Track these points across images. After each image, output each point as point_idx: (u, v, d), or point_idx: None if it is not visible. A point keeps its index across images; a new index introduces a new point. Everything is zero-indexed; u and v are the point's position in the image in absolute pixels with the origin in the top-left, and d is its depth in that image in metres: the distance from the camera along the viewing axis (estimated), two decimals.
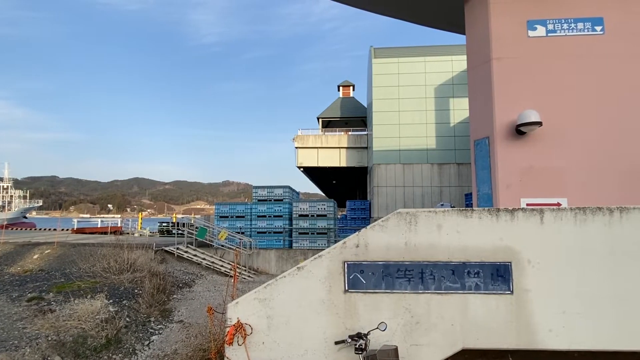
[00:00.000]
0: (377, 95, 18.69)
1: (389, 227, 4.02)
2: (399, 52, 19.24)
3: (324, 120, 28.38)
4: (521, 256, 3.85)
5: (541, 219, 3.88)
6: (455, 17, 8.32)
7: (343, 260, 3.97)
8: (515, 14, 6.01)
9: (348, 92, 30.43)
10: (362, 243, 3.99)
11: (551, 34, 5.87)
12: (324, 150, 22.94)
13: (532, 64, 5.86)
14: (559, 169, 5.59)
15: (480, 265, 3.87)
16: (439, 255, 3.93)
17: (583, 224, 3.84)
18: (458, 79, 18.21)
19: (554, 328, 3.76)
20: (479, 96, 6.23)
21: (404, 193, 17.99)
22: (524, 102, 5.73)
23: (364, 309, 3.90)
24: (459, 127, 18.04)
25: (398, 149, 18.27)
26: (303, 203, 16.57)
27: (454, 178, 17.79)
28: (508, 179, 5.63)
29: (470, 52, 6.56)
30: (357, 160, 22.59)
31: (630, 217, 3.82)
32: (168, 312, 8.11)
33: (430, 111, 18.37)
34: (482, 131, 6.09)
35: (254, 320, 3.91)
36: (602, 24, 5.83)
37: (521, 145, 5.69)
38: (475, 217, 3.97)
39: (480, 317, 3.81)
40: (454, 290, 3.86)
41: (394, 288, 3.90)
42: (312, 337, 3.87)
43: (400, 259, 3.95)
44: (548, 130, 5.63)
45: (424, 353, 3.78)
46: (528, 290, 3.79)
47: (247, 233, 15.96)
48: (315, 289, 3.93)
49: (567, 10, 5.90)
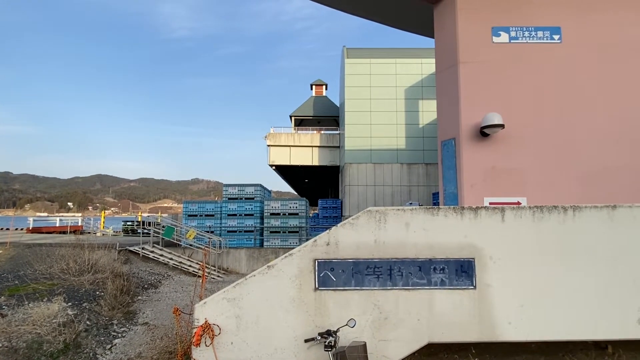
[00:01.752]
0: (350, 95, 18.87)
1: (359, 225, 4.07)
2: (371, 53, 19.51)
3: (296, 119, 28.31)
4: (484, 253, 4.02)
5: (502, 217, 4.07)
6: (425, 21, 8.56)
7: (314, 258, 3.99)
8: (481, 21, 6.26)
9: (321, 91, 30.53)
10: (333, 241, 4.02)
11: (514, 40, 6.17)
12: (297, 149, 22.89)
13: (496, 68, 6.13)
14: (519, 170, 5.88)
15: (445, 262, 4.01)
16: (407, 252, 4.03)
17: (540, 221, 4.07)
18: (427, 82, 18.72)
19: (512, 321, 3.96)
20: (446, 98, 6.43)
21: (374, 192, 18.29)
22: (488, 105, 5.98)
23: (334, 307, 3.93)
24: (427, 128, 18.56)
25: (369, 149, 18.54)
26: (275, 202, 16.45)
27: (422, 178, 18.29)
28: (472, 178, 5.86)
29: (439, 56, 6.76)
30: (329, 159, 22.72)
31: (582, 215, 4.09)
32: (132, 314, 7.80)
33: (400, 112, 18.77)
34: (448, 132, 6.30)
35: (222, 320, 3.84)
36: (559, 33, 6.19)
37: (485, 147, 5.93)
38: (441, 216, 4.10)
39: (445, 312, 3.95)
40: (420, 286, 3.97)
41: (364, 285, 3.96)
42: (281, 336, 3.85)
43: (369, 257, 4.01)
44: (510, 132, 5.91)
45: (391, 348, 3.87)
46: (490, 285, 3.97)
47: (217, 232, 15.64)
48: (286, 287, 3.91)
49: (528, 19, 6.22)
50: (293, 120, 28.13)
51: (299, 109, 28.62)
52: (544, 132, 6.00)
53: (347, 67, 19.08)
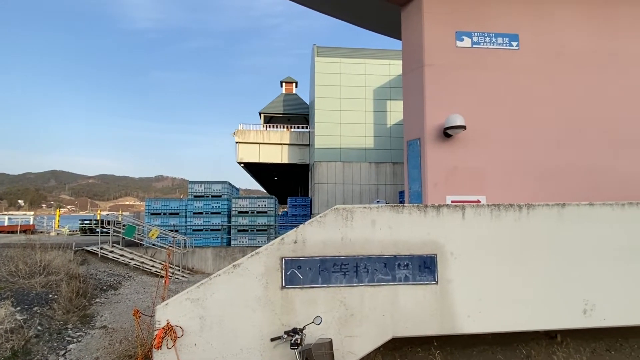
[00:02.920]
0: (320, 93, 18.91)
1: (326, 223, 4.10)
2: (341, 53, 19.65)
3: (266, 116, 27.99)
4: (445, 249, 4.17)
5: (463, 215, 4.25)
6: (392, 23, 8.73)
7: (281, 256, 3.97)
8: (445, 25, 6.47)
9: (291, 89, 30.37)
10: (300, 239, 4.02)
11: (476, 45, 6.43)
12: (266, 146, 22.64)
13: (459, 72, 6.37)
14: (479, 169, 6.16)
15: (409, 258, 4.12)
16: (373, 249, 4.11)
17: (497, 219, 4.28)
18: (395, 83, 19.13)
19: (471, 314, 4.14)
20: (412, 99, 6.60)
21: (343, 190, 18.47)
22: (451, 107, 6.19)
23: (300, 305, 3.93)
24: (394, 129, 18.98)
25: (339, 148, 18.69)
26: (243, 199, 16.22)
27: (389, 176, 18.69)
28: (436, 177, 6.06)
29: (405, 58, 6.92)
30: (299, 157, 22.67)
31: (535, 213, 4.34)
32: (89, 318, 7.41)
33: (369, 112, 19.05)
34: (414, 133, 6.47)
35: (185, 321, 3.74)
36: (517, 40, 6.53)
37: (448, 147, 6.15)
38: (405, 213, 4.21)
39: (409, 306, 4.06)
40: (385, 282, 4.06)
41: (330, 282, 3.99)
42: (247, 336, 3.81)
43: (336, 254, 4.05)
44: (471, 134, 6.16)
45: (357, 344, 3.93)
46: (450, 280, 4.12)
47: (182, 231, 15.19)
48: (252, 286, 3.87)
49: (489, 25, 6.50)
50: (262, 117, 27.79)
51: (268, 106, 28.32)
52: (503, 134, 6.31)
53: (317, 65, 19.11)
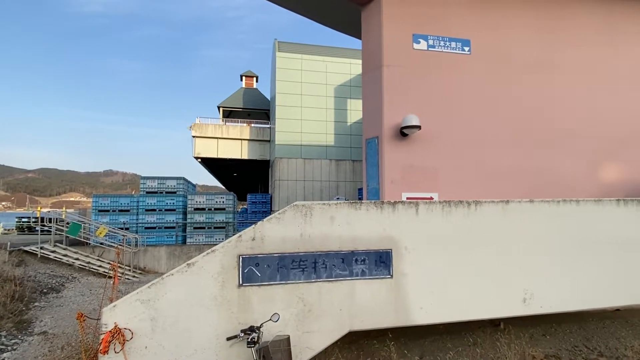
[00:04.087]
0: (281, 89, 18.74)
1: (285, 220, 4.08)
2: (302, 49, 19.60)
3: (225, 110, 27.26)
4: (400, 244, 4.32)
5: (417, 211, 4.42)
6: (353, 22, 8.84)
7: (238, 254, 3.89)
8: (403, 27, 6.66)
9: (251, 83, 29.82)
10: (259, 236, 3.97)
11: (431, 48, 6.70)
12: (225, 141, 22.07)
13: (415, 73, 6.59)
14: (433, 168, 6.43)
15: (366, 253, 4.22)
16: (331, 245, 4.15)
17: (448, 214, 4.50)
18: (355, 82, 19.44)
19: (424, 306, 4.33)
20: (371, 99, 6.75)
21: (304, 187, 18.49)
22: (407, 107, 6.41)
23: (258, 302, 3.89)
24: (354, 127, 19.30)
25: (300, 144, 18.67)
26: (199, 196, 15.70)
27: (349, 174, 19.00)
28: (392, 175, 6.25)
29: (365, 57, 7.05)
30: (259, 153, 22.34)
31: (482, 209, 4.62)
32: (26, 324, 6.82)
33: (330, 110, 19.20)
34: (372, 131, 6.62)
35: (135, 323, 3.55)
36: (469, 45, 6.89)
37: (404, 146, 6.37)
38: (363, 210, 4.30)
39: (365, 300, 4.16)
40: (343, 277, 4.12)
41: (289, 279, 3.98)
42: (202, 336, 3.70)
43: (295, 250, 4.05)
44: (426, 133, 6.42)
45: (314, 339, 3.96)
46: (405, 274, 4.28)
47: (133, 229, 14.43)
48: (207, 285, 3.76)
49: (443, 29, 6.80)
50: (221, 111, 27.04)
51: (227, 100, 27.60)
52: (455, 135, 6.63)
53: (278, 60, 18.91)
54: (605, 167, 7.21)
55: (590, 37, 7.47)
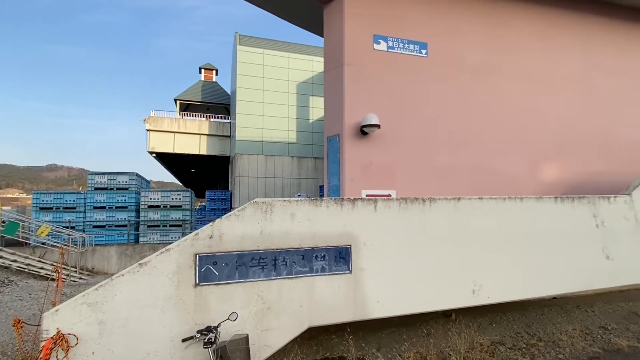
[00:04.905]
0: (242, 83, 18.36)
1: (245, 217, 4.01)
2: (264, 44, 19.31)
3: (182, 103, 26.24)
4: (359, 240, 4.41)
5: (375, 208, 4.53)
6: (315, 19, 8.85)
7: (195, 252, 3.77)
8: (364, 27, 6.78)
9: (211, 76, 28.92)
10: (217, 234, 3.87)
11: (390, 49, 6.87)
12: (182, 136, 21.23)
13: (375, 73, 6.74)
14: (391, 166, 6.62)
15: (326, 250, 4.26)
16: (292, 242, 4.15)
17: (405, 211, 4.66)
18: (317, 79, 19.50)
19: (381, 299, 4.45)
20: (332, 97, 6.80)
21: (265, 184, 18.29)
22: (368, 106, 6.54)
23: (216, 302, 3.79)
24: (316, 124, 19.38)
25: (261, 140, 18.42)
26: (154, 192, 15.00)
27: (311, 171, 19.06)
28: (353, 172, 6.36)
29: (327, 55, 7.08)
30: (218, 149, 21.75)
31: (436, 206, 4.83)
32: None
33: (292, 106, 19.12)
34: (333, 129, 6.68)
35: (81, 328, 3.33)
36: (426, 48, 7.15)
37: (364, 144, 6.49)
38: (323, 206, 4.33)
39: (325, 296, 4.20)
40: (303, 274, 4.13)
41: (248, 277, 3.93)
42: (156, 338, 3.55)
43: (255, 248, 3.99)
44: (385, 132, 6.59)
45: (273, 336, 3.94)
46: (363, 269, 4.38)
47: (80, 227, 13.49)
48: (161, 285, 3.61)
49: (402, 31, 7.00)
50: (178, 104, 25.98)
51: (185, 93, 26.57)
52: (411, 134, 6.87)
53: (239, 54, 18.49)
54: (545, 166, 7.83)
55: (533, 46, 8.05)
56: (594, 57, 8.57)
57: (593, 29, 8.61)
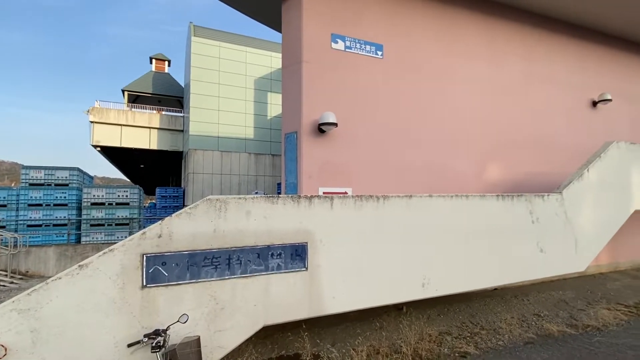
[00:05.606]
0: (196, 76, 17.67)
1: (197, 215, 3.87)
2: (221, 36, 18.72)
3: (131, 94, 24.76)
4: (315, 237, 4.43)
5: (331, 205, 4.58)
6: (273, 14, 8.74)
7: (142, 252, 3.57)
8: (323, 25, 6.80)
9: (163, 67, 27.56)
10: (166, 232, 3.69)
11: (348, 49, 6.96)
12: (130, 129, 20.04)
13: (333, 72, 6.79)
14: (347, 164, 6.73)
15: (282, 247, 4.23)
16: (247, 241, 4.07)
17: (360, 208, 4.76)
18: (275, 75, 19.29)
19: (336, 295, 4.52)
20: (291, 94, 6.76)
21: (221, 181, 17.79)
22: (325, 104, 6.58)
23: (165, 304, 3.62)
24: (274, 121, 19.19)
25: (217, 136, 17.87)
26: (98, 189, 14.01)
27: (268, 168, 18.84)
28: (310, 170, 6.37)
29: (285, 51, 7.02)
30: (170, 144, 20.80)
31: (390, 203, 4.98)
32: None
33: (249, 102, 18.75)
34: (291, 126, 6.65)
35: (10, 337, 3.03)
36: (382, 50, 7.33)
37: (322, 142, 6.53)
38: (280, 204, 4.30)
39: (281, 294, 4.18)
40: (258, 273, 4.08)
41: (200, 277, 3.79)
42: (98, 345, 3.32)
43: (208, 247, 3.87)
44: (342, 131, 6.67)
45: (227, 337, 3.85)
46: (319, 266, 4.41)
47: (12, 227, 12.27)
48: (104, 288, 3.38)
49: (360, 32, 7.12)
50: (126, 95, 24.47)
51: (134, 83, 25.07)
52: (367, 133, 7.02)
53: (193, 45, 17.77)
54: (489, 166, 8.38)
55: (480, 53, 8.57)
56: (532, 67, 9.31)
57: (533, 42, 9.34)
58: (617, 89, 10.61)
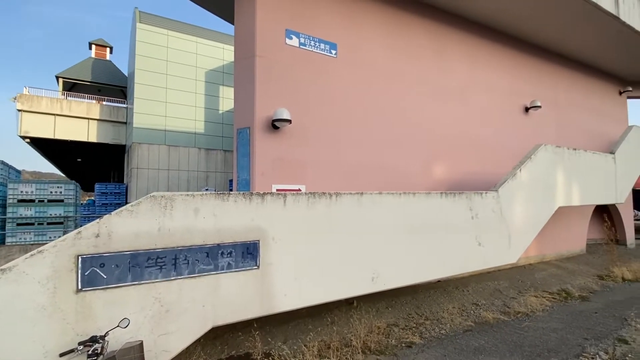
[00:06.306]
0: (141, 65, 16.62)
1: (140, 213, 3.64)
2: (169, 25, 17.76)
3: (66, 82, 22.71)
4: (268, 234, 4.38)
5: (284, 202, 4.55)
6: (225, 5, 8.46)
7: (76, 254, 3.29)
8: (277, 20, 6.71)
9: (104, 54, 25.59)
10: (105, 232, 3.44)
11: (302, 46, 6.95)
12: (65, 120, 18.38)
13: (287, 68, 6.74)
14: (301, 161, 6.73)
15: (233, 246, 4.14)
16: (195, 239, 3.92)
17: (313, 205, 4.78)
18: (228, 68, 18.74)
19: (288, 293, 4.51)
20: (243, 88, 6.60)
21: (168, 177, 16.94)
22: (279, 100, 6.52)
23: (103, 308, 3.38)
24: (227, 116, 18.64)
25: (164, 129, 16.97)
26: (26, 185, 12.67)
27: (220, 164, 18.29)
28: (263, 166, 6.29)
29: (238, 44, 6.83)
30: (112, 136, 19.39)
31: (342, 200, 5.07)
32: None
33: (200, 95, 18.04)
34: (244, 121, 6.50)
35: None
36: (336, 49, 7.41)
37: (275, 138, 6.46)
38: (231, 201, 4.19)
39: (231, 293, 4.08)
40: (207, 272, 3.95)
41: (143, 279, 3.59)
42: (24, 356, 3.01)
43: (152, 247, 3.66)
44: (296, 128, 6.66)
45: (173, 340, 3.68)
46: (271, 264, 4.37)
47: None
48: (31, 293, 3.07)
49: (314, 30, 7.13)
50: (61, 82, 22.39)
51: (71, 70, 23.02)
52: (320, 131, 7.07)
53: (139, 32, 16.68)
54: (435, 165, 8.85)
55: (429, 57, 9.00)
56: (475, 74, 9.96)
57: (476, 50, 9.99)
58: (546, 96, 11.71)
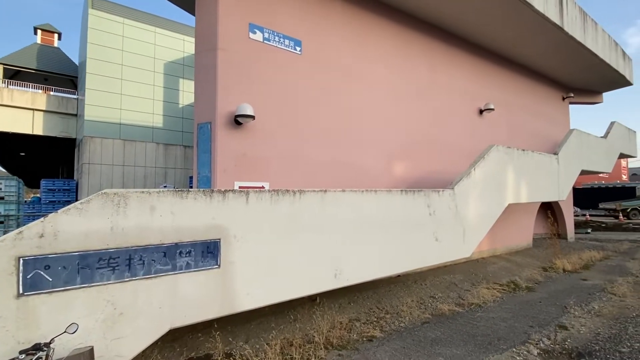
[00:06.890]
0: (94, 54, 15.61)
1: (90, 211, 3.43)
2: (125, 12, 16.81)
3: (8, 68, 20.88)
4: (229, 232, 4.29)
5: (247, 200, 4.48)
6: None
7: (17, 255, 3.04)
8: (240, 13, 6.56)
9: (51, 40, 23.79)
10: (50, 231, 3.20)
11: (266, 41, 6.85)
12: (7, 110, 16.90)
13: (251, 63, 6.62)
14: (265, 158, 6.65)
15: (192, 245, 4.01)
16: (151, 239, 3.75)
17: (276, 202, 4.75)
18: (189, 61, 18.09)
19: (250, 291, 4.45)
20: (204, 81, 6.40)
21: (123, 173, 16.09)
22: (242, 95, 6.39)
23: (49, 313, 3.15)
24: (187, 110, 18.01)
25: (119, 122, 16.08)
26: None
27: (179, 160, 17.64)
28: (225, 163, 6.14)
29: (199, 36, 6.61)
30: (60, 129, 18.09)
31: (305, 197, 5.07)
32: None
33: (158, 87, 17.27)
34: (205, 116, 6.31)
35: None
36: (300, 46, 7.39)
37: (238, 134, 6.34)
38: (190, 198, 4.05)
39: (190, 294, 3.96)
40: (164, 273, 3.80)
41: (94, 281, 3.38)
42: None
43: (103, 247, 3.46)
44: (259, 124, 6.56)
45: (127, 344, 3.51)
46: (232, 262, 4.29)
47: None
48: None
49: (278, 25, 7.06)
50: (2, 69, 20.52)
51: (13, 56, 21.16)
52: (284, 128, 7.03)
53: (91, 19, 15.66)
54: (395, 164, 9.10)
55: (391, 58, 9.22)
56: (435, 76, 10.34)
57: (437, 54, 10.37)
58: (499, 99, 12.41)
